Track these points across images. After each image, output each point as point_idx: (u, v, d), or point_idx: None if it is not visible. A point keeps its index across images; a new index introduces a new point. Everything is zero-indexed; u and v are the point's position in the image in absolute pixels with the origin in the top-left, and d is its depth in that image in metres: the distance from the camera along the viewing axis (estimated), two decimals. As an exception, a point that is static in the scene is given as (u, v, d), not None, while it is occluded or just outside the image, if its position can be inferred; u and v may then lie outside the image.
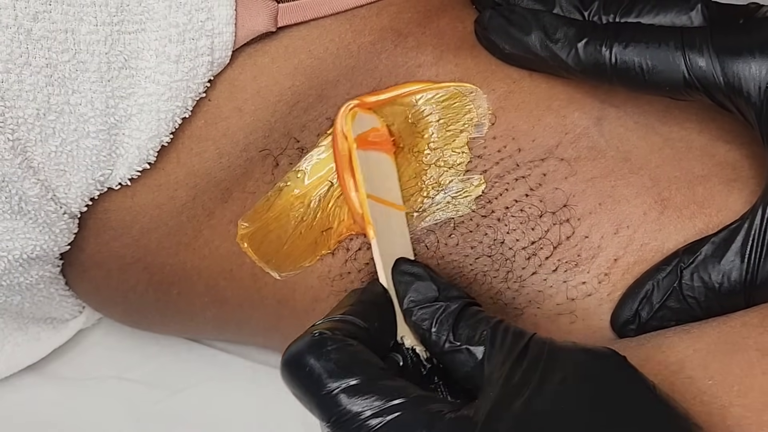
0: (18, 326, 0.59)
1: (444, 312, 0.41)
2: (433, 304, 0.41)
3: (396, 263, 0.44)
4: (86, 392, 0.61)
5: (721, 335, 0.43)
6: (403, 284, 0.43)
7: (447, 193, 0.47)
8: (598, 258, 0.47)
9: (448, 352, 0.40)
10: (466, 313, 0.41)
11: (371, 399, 0.36)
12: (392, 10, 0.49)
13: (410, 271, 0.43)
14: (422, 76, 0.48)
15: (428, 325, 0.41)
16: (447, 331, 0.40)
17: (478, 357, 0.39)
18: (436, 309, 0.41)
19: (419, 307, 0.42)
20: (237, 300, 0.52)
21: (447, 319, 0.41)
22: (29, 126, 0.44)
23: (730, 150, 0.48)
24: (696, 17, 0.46)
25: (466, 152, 0.47)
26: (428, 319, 0.41)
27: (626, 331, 0.46)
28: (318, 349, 0.38)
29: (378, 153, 0.47)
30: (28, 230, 0.47)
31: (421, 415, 0.36)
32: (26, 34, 0.43)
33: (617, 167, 0.47)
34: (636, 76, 0.44)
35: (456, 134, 0.47)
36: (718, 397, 0.40)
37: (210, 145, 0.48)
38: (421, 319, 0.41)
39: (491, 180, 0.47)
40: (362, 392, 0.37)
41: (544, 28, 0.46)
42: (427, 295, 0.42)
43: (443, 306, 0.41)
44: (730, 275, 0.44)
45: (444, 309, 0.41)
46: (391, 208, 0.45)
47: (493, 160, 0.47)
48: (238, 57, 0.47)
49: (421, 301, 0.42)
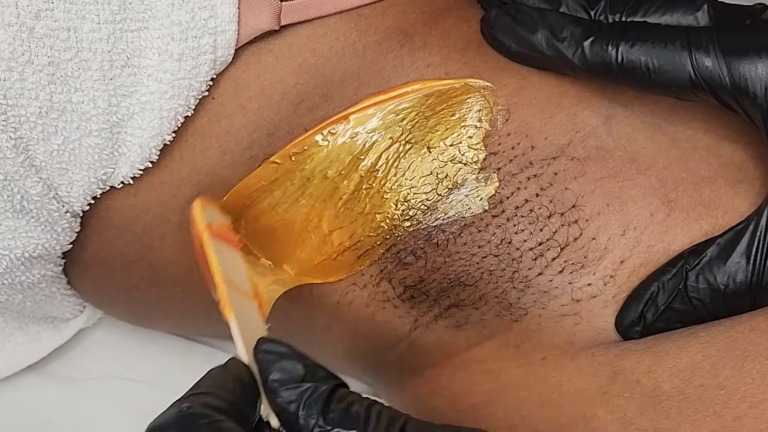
0: (19, 325, 0.59)
1: (313, 394, 0.37)
2: (300, 385, 0.37)
3: (259, 341, 0.39)
4: (87, 392, 0.61)
5: (730, 341, 0.43)
6: (266, 362, 0.38)
7: (461, 191, 0.47)
8: (605, 260, 0.47)
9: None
10: (337, 395, 0.37)
11: None
12: (397, 10, 0.49)
13: (274, 350, 0.38)
14: (431, 75, 0.48)
15: (295, 407, 0.37)
16: (317, 414, 0.36)
17: None
18: (303, 390, 0.37)
19: (285, 387, 0.37)
20: None
21: (316, 401, 0.37)
22: (31, 124, 0.44)
23: (736, 150, 0.48)
24: (702, 17, 0.46)
25: (481, 149, 0.47)
26: (295, 401, 0.37)
27: (631, 333, 0.46)
28: (187, 425, 0.35)
29: (227, 246, 0.44)
30: (30, 229, 0.47)
31: None
32: (28, 32, 0.43)
33: (625, 168, 0.47)
34: (642, 76, 0.44)
35: (470, 130, 0.47)
36: (731, 408, 0.40)
37: (213, 142, 0.48)
38: (287, 401, 0.37)
39: (504, 178, 0.47)
40: None
41: (551, 27, 0.46)
42: (293, 374, 0.37)
43: (312, 387, 0.37)
44: (736, 277, 0.44)
45: (313, 390, 0.37)
46: (244, 297, 0.43)
47: (508, 157, 0.47)
48: (241, 55, 0.47)
49: (286, 381, 0.37)
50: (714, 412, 0.40)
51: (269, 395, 0.38)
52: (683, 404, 0.42)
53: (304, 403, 0.37)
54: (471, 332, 0.49)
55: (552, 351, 0.47)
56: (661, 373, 0.43)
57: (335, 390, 0.37)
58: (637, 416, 0.42)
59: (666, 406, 0.42)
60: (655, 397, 0.43)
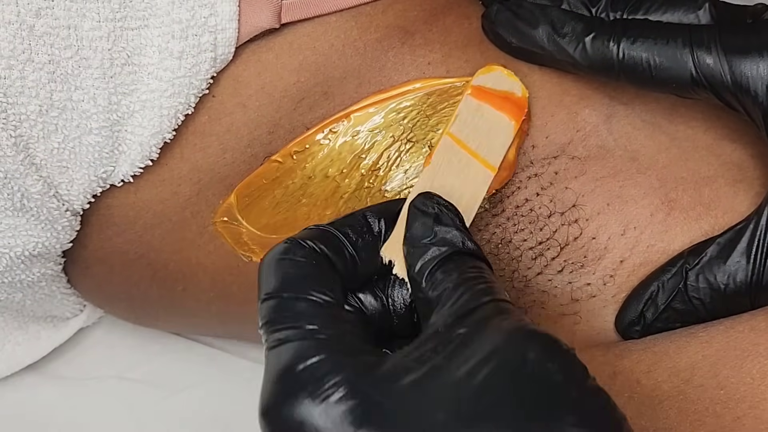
0: (18, 325, 0.59)
1: (430, 255, 0.39)
2: (425, 246, 0.39)
3: (419, 195, 0.42)
4: (86, 392, 0.61)
5: (730, 341, 0.43)
6: (410, 217, 0.41)
7: None
8: (605, 259, 0.47)
9: (419, 296, 0.39)
10: (449, 263, 0.38)
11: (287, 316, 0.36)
12: (398, 8, 0.49)
13: (422, 207, 0.41)
14: (432, 73, 0.48)
15: (413, 263, 0.39)
16: (424, 274, 0.38)
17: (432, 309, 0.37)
18: (424, 249, 0.39)
19: (411, 244, 0.40)
20: (243, 295, 0.52)
21: (429, 263, 0.38)
22: (32, 123, 0.44)
23: (735, 149, 0.48)
24: (704, 16, 0.46)
25: None
26: (415, 258, 0.39)
27: (631, 333, 0.46)
28: (278, 257, 0.38)
29: (496, 112, 0.46)
30: (30, 227, 0.47)
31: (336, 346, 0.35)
32: (29, 30, 0.43)
33: (625, 167, 0.47)
34: (643, 73, 0.44)
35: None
36: (730, 408, 0.40)
37: (214, 140, 0.48)
38: (410, 256, 0.39)
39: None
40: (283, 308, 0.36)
41: (552, 23, 0.46)
42: (425, 233, 0.40)
43: (431, 249, 0.39)
44: (736, 276, 0.44)
45: (431, 252, 0.39)
46: (475, 159, 0.44)
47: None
48: (241, 53, 0.47)
49: (415, 238, 0.40)
50: (713, 412, 0.40)
51: (405, 243, 0.40)
52: (683, 404, 0.41)
53: (422, 261, 0.39)
54: (470, 331, 0.49)
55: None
56: (661, 373, 0.43)
57: (452, 257, 0.38)
58: (636, 416, 0.42)
59: (666, 406, 0.42)
60: (655, 397, 0.43)
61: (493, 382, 0.32)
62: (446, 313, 0.36)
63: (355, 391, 0.33)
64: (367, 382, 0.33)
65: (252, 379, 0.61)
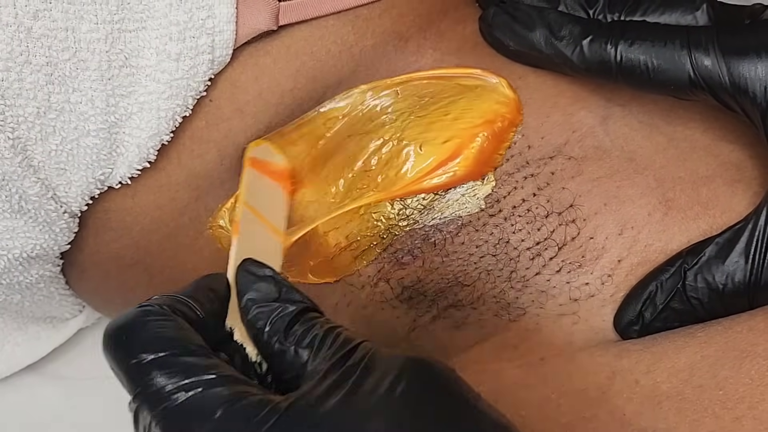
0: (18, 326, 0.59)
1: (281, 313, 0.39)
2: (271, 305, 0.39)
3: (245, 261, 0.41)
4: (86, 392, 0.61)
5: (729, 341, 0.43)
6: (245, 282, 0.40)
7: (457, 190, 0.47)
8: (602, 259, 0.47)
9: (277, 353, 0.38)
10: (303, 317, 0.39)
11: (178, 373, 0.34)
12: (394, 13, 0.49)
13: (256, 272, 0.41)
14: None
15: (262, 324, 0.39)
16: (279, 332, 0.38)
17: (303, 359, 0.37)
18: (272, 309, 0.39)
19: (257, 306, 0.39)
20: None
21: (282, 320, 0.38)
22: (29, 124, 0.44)
23: (733, 150, 0.48)
24: (701, 17, 0.46)
25: None
26: (263, 319, 0.39)
27: (629, 332, 0.46)
28: (139, 321, 0.36)
29: (271, 181, 0.47)
30: (28, 229, 0.47)
31: (223, 393, 0.34)
32: (26, 32, 0.43)
33: (622, 167, 0.47)
34: (641, 75, 0.44)
35: None
36: (729, 408, 0.40)
37: (212, 147, 0.48)
38: (256, 318, 0.39)
39: (501, 177, 0.47)
40: (171, 366, 0.35)
41: (549, 26, 0.46)
42: (268, 295, 0.40)
43: (281, 307, 0.39)
44: (734, 276, 0.44)
45: (281, 311, 0.39)
46: (267, 228, 0.45)
47: (504, 156, 0.47)
48: (239, 56, 0.47)
49: (259, 300, 0.39)
50: (712, 412, 0.40)
51: (242, 313, 0.40)
52: (682, 405, 0.41)
53: (270, 321, 0.38)
54: (469, 333, 0.49)
55: (550, 351, 0.47)
56: (660, 373, 0.43)
57: (303, 312, 0.39)
58: (635, 417, 0.42)
59: (665, 407, 0.42)
60: (654, 397, 0.43)
61: (412, 394, 0.34)
62: (329, 354, 0.36)
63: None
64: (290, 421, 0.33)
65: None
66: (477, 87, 0.47)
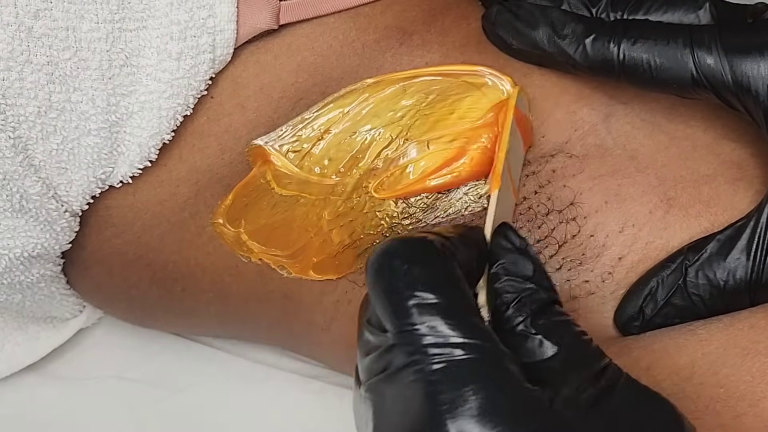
0: (18, 325, 0.59)
1: (531, 295, 0.38)
2: (523, 283, 0.38)
3: (503, 225, 0.40)
4: (86, 392, 0.61)
5: (730, 339, 0.42)
6: (501, 249, 0.39)
7: (460, 189, 0.47)
8: (603, 256, 0.47)
9: (519, 334, 0.37)
10: (551, 309, 0.38)
11: (454, 328, 0.33)
12: (396, 9, 0.49)
13: (513, 242, 0.40)
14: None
15: (510, 298, 0.38)
16: (526, 314, 0.37)
17: (547, 354, 0.36)
18: (524, 288, 0.38)
19: (509, 277, 0.38)
20: (242, 295, 0.52)
21: (531, 303, 0.37)
22: (30, 124, 0.44)
23: (735, 149, 0.48)
24: (704, 16, 0.46)
25: None
26: (513, 293, 0.38)
27: (630, 328, 0.46)
28: (420, 253, 0.35)
29: (519, 135, 0.46)
30: (29, 228, 0.47)
31: (496, 370, 0.33)
32: (27, 31, 0.43)
33: (623, 165, 0.47)
34: (644, 73, 0.44)
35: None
36: (730, 406, 0.40)
37: (212, 141, 0.48)
38: (505, 290, 0.38)
39: None
40: (452, 317, 0.33)
41: (552, 24, 0.46)
42: (522, 271, 0.39)
43: (533, 290, 0.38)
44: (736, 273, 0.44)
45: (533, 293, 0.38)
46: (511, 184, 0.45)
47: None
48: (240, 54, 0.47)
49: (513, 273, 0.38)
50: (713, 410, 0.40)
51: (491, 278, 0.39)
52: (682, 402, 0.41)
53: (519, 299, 0.38)
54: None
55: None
56: (661, 371, 0.43)
57: (552, 304, 0.38)
58: None
59: None
60: None
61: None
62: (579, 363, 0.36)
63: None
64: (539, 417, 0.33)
65: (252, 379, 0.61)
66: (483, 85, 0.47)
